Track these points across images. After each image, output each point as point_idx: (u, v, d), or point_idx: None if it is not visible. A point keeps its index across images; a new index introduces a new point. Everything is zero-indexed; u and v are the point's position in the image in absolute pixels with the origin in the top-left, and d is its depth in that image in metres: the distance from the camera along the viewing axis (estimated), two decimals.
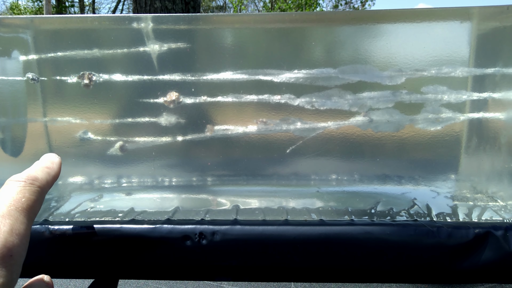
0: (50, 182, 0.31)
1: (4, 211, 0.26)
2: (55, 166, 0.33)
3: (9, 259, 0.24)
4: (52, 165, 0.32)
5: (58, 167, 0.33)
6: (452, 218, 0.43)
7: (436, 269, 0.36)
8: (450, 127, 0.47)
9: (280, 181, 0.51)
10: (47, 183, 0.30)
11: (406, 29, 0.45)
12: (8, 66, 0.47)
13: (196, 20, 0.45)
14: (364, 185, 0.50)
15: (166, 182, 0.51)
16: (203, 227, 0.37)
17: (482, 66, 0.46)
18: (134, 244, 0.37)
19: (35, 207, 0.28)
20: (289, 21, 0.46)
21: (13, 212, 0.26)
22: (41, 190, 0.29)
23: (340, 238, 0.36)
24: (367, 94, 0.46)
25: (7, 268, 0.24)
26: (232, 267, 0.37)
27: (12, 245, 0.25)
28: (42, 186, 0.29)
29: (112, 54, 0.46)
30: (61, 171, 0.33)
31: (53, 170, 0.32)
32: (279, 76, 0.46)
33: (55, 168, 0.32)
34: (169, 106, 0.47)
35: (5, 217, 0.25)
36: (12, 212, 0.26)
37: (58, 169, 0.33)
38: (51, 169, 0.32)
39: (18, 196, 0.27)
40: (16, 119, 0.49)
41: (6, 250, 0.24)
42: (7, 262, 0.24)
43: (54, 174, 0.32)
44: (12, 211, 0.26)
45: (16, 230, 0.25)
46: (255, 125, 0.48)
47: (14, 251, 0.24)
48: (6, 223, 0.25)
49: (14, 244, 0.25)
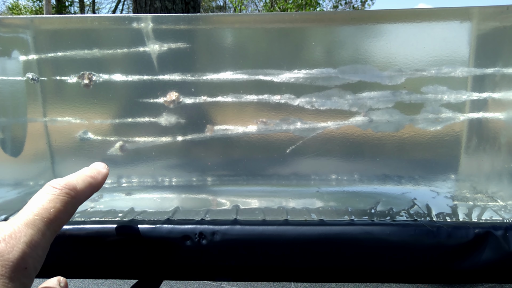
0: (89, 194, 0.29)
1: (29, 220, 0.25)
2: (100, 177, 0.31)
3: (23, 271, 0.23)
4: (97, 176, 0.31)
5: (103, 178, 0.31)
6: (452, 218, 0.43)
7: (436, 269, 0.36)
8: (450, 127, 0.47)
9: (280, 181, 0.51)
10: (85, 195, 0.29)
11: (406, 29, 0.45)
12: (8, 66, 0.47)
13: (196, 20, 0.45)
14: (364, 185, 0.50)
15: (166, 182, 0.51)
16: (203, 227, 0.37)
17: (482, 66, 0.46)
18: (134, 244, 0.37)
19: (62, 219, 0.26)
20: (289, 21, 0.46)
21: (38, 222, 0.25)
22: (76, 202, 0.28)
23: (340, 238, 0.36)
24: (367, 94, 0.46)
25: (20, 281, 0.23)
26: (232, 267, 0.37)
27: (28, 257, 0.23)
28: (78, 198, 0.28)
29: (112, 54, 0.46)
30: (103, 184, 0.31)
31: (96, 181, 0.30)
32: (279, 76, 0.46)
33: (99, 179, 0.31)
34: (169, 106, 0.47)
35: (28, 226, 0.24)
36: (37, 222, 0.25)
37: (102, 181, 0.31)
38: (95, 180, 0.30)
39: (49, 205, 0.26)
40: (16, 119, 0.49)
41: (22, 262, 0.23)
42: (20, 275, 0.23)
43: (96, 186, 0.30)
44: (37, 220, 0.25)
45: (35, 242, 0.24)
46: (255, 125, 0.48)
47: (29, 264, 0.23)
48: (27, 233, 0.24)
49: (30, 256, 0.23)
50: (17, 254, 0.23)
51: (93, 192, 0.30)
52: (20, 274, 0.23)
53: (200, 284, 0.36)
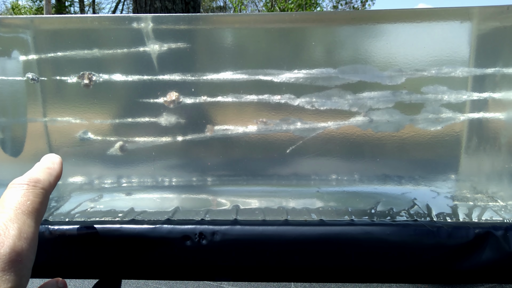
0: (53, 183, 0.31)
1: (12, 215, 0.25)
2: (57, 166, 0.32)
3: (18, 263, 0.24)
4: (54, 166, 0.32)
5: (59, 167, 0.33)
6: (452, 218, 0.43)
7: (436, 269, 0.36)
8: (450, 127, 0.47)
9: (280, 181, 0.51)
10: (50, 184, 0.30)
11: (406, 29, 0.45)
12: (8, 66, 0.47)
13: (196, 20, 0.45)
14: (364, 185, 0.50)
15: (166, 182, 0.51)
16: (203, 227, 0.37)
17: (482, 66, 0.46)
18: (134, 244, 0.37)
19: (40, 210, 0.28)
20: (289, 21, 0.46)
21: (20, 215, 0.26)
22: (45, 192, 0.29)
23: (340, 238, 0.36)
24: (367, 94, 0.46)
25: (16, 272, 0.23)
26: (232, 267, 0.37)
27: (21, 249, 0.24)
28: (45, 188, 0.29)
29: (112, 54, 0.46)
30: (61, 171, 0.33)
31: (54, 170, 0.32)
32: (279, 76, 0.46)
33: (56, 168, 0.32)
34: (169, 106, 0.47)
35: (13, 221, 0.25)
36: (19, 216, 0.26)
37: (59, 169, 0.33)
38: (53, 170, 0.32)
39: (23, 199, 0.27)
40: (16, 119, 0.49)
41: (15, 255, 0.24)
42: (16, 267, 0.24)
43: (56, 175, 0.32)
44: (19, 214, 0.26)
45: (24, 234, 0.25)
46: (255, 125, 0.48)
47: (23, 255, 0.24)
48: (14, 227, 0.25)
49: (23, 248, 0.24)
50: (9, 248, 0.24)
51: (56, 180, 0.31)
52: (16, 267, 0.24)
53: (200, 284, 0.36)
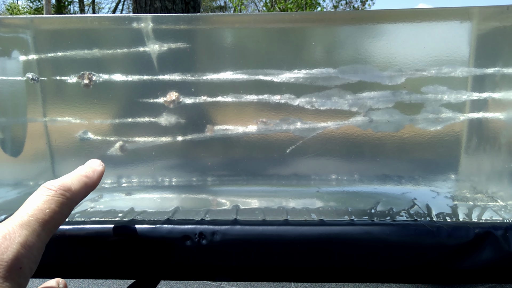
0: (84, 193, 0.29)
1: (24, 221, 0.25)
2: (95, 176, 0.31)
3: (17, 271, 0.23)
4: (93, 175, 0.30)
5: (98, 177, 0.31)
6: (452, 218, 0.43)
7: (436, 269, 0.36)
8: (450, 127, 0.47)
9: (280, 181, 0.51)
10: (80, 195, 0.29)
11: (406, 29, 0.45)
12: (8, 66, 0.47)
13: (196, 20, 0.45)
14: (364, 185, 0.50)
15: (166, 182, 0.51)
16: (203, 227, 0.37)
17: (482, 66, 0.46)
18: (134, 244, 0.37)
19: (58, 220, 0.27)
20: (289, 21, 0.46)
21: (33, 223, 0.25)
22: (71, 203, 0.28)
23: (340, 238, 0.36)
24: (367, 94, 0.46)
25: (14, 280, 0.23)
26: (232, 267, 0.37)
27: (23, 257, 0.23)
28: (73, 198, 0.28)
29: (112, 54, 0.46)
30: (99, 181, 0.31)
31: (91, 180, 0.30)
32: (279, 76, 0.46)
33: (94, 178, 0.30)
34: (169, 106, 0.47)
35: (23, 227, 0.24)
36: (32, 223, 0.25)
37: (97, 179, 0.31)
38: (90, 179, 0.30)
39: (43, 206, 0.26)
40: (16, 119, 0.49)
41: (16, 262, 0.23)
42: (15, 275, 0.23)
43: (92, 185, 0.30)
44: (32, 221, 0.25)
45: (30, 243, 0.24)
46: (255, 125, 0.48)
47: (24, 264, 0.24)
48: (22, 233, 0.24)
49: (25, 256, 0.24)
50: (12, 254, 0.23)
51: (89, 191, 0.30)
52: (14, 274, 0.23)
53: (200, 284, 0.36)
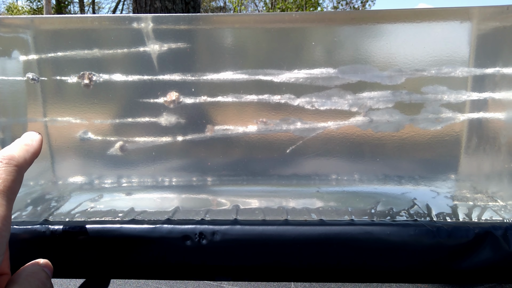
0: (29, 160, 0.30)
1: None
2: (35, 143, 0.32)
3: None
4: (32, 143, 0.31)
5: (38, 144, 0.32)
6: (452, 218, 0.43)
7: (436, 269, 0.36)
8: (450, 127, 0.47)
9: (280, 181, 0.51)
10: (25, 161, 0.29)
11: (406, 29, 0.45)
12: (8, 66, 0.47)
13: (196, 20, 0.45)
14: (364, 185, 0.50)
15: (166, 182, 0.51)
16: (203, 227, 0.37)
17: (482, 66, 0.46)
18: (134, 244, 0.37)
19: (13, 187, 0.27)
20: (289, 21, 0.46)
21: None
22: (19, 169, 0.28)
23: (340, 238, 0.36)
24: (367, 94, 0.46)
25: None
26: (232, 267, 0.37)
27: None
28: (20, 165, 0.28)
29: (112, 54, 0.46)
30: (40, 149, 0.32)
31: (32, 147, 0.31)
32: (279, 76, 0.46)
33: (34, 145, 0.31)
34: (169, 106, 0.47)
35: None
36: None
37: (38, 146, 0.32)
38: (30, 147, 0.31)
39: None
40: (16, 119, 0.49)
41: None
42: None
43: (34, 152, 0.31)
44: None
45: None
46: (255, 125, 0.48)
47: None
48: None
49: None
50: None
51: (33, 157, 0.31)
52: None
53: (200, 284, 0.36)
